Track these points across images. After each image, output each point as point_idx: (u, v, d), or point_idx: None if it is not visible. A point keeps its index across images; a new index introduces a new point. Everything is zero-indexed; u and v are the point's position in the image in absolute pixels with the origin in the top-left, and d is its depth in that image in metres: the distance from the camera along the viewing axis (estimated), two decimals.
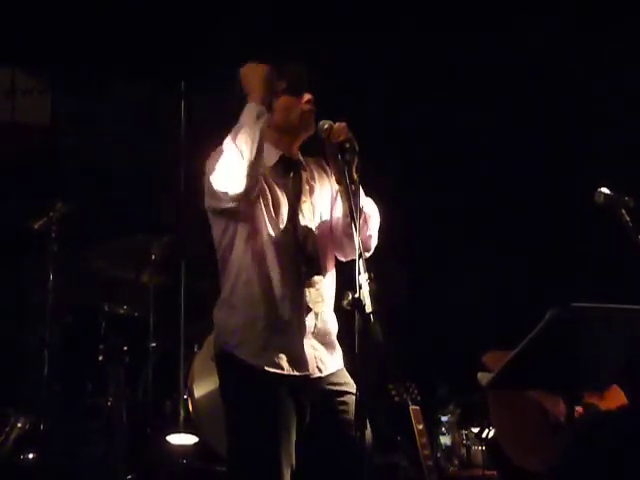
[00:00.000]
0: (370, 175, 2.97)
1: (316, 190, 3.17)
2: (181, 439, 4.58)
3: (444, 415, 4.90)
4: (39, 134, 5.83)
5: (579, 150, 5.43)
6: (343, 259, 3.18)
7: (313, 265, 3.08)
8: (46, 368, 4.72)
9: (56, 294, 4.81)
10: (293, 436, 2.93)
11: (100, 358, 4.86)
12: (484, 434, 4.37)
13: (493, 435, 4.17)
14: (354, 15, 5.62)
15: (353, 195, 2.86)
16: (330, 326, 3.11)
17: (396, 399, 4.06)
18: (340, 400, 3.01)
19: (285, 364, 2.97)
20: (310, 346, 3.02)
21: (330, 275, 3.15)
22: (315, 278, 3.07)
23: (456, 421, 4.88)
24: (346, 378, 3.06)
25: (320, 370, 3.03)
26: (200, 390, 4.49)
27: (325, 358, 3.06)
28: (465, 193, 5.76)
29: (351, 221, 2.84)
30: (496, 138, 5.65)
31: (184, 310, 4.79)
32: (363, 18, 5.63)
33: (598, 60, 5.32)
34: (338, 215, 3.15)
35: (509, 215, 5.52)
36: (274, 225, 3.02)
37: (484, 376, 3.76)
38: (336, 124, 2.99)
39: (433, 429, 4.72)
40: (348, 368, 3.09)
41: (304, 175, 3.17)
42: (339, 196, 3.14)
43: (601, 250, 5.07)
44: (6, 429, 4.54)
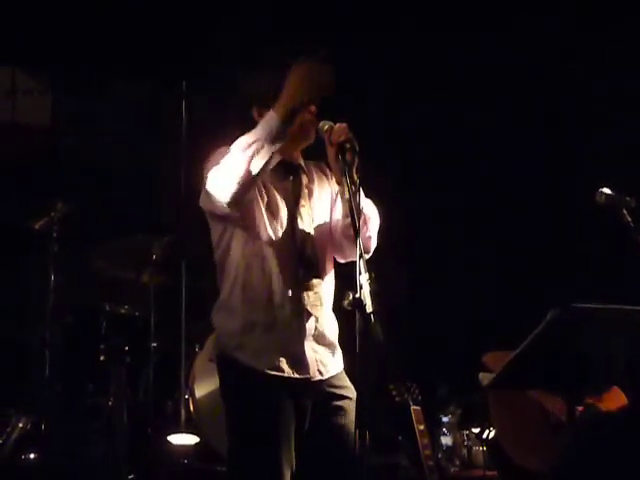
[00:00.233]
0: (370, 175, 2.97)
1: (315, 193, 3.16)
2: (182, 439, 4.58)
3: (445, 415, 4.90)
4: (39, 134, 5.83)
5: (579, 150, 5.43)
6: (342, 261, 3.16)
7: (311, 268, 3.07)
8: (47, 368, 4.72)
9: (57, 294, 4.82)
10: (293, 438, 2.93)
11: (101, 358, 4.86)
12: (485, 434, 4.37)
13: (494, 435, 4.17)
14: (354, 15, 5.62)
15: (353, 196, 2.85)
16: (330, 328, 3.10)
17: (397, 399, 4.06)
18: (338, 404, 3.00)
19: (286, 367, 2.96)
20: (311, 349, 3.01)
21: (329, 278, 3.13)
22: (314, 281, 3.05)
23: (457, 421, 4.88)
24: (346, 382, 3.05)
25: (321, 373, 3.02)
26: (201, 390, 4.49)
27: (326, 360, 3.05)
28: (465, 193, 5.76)
29: (351, 222, 2.82)
30: (496, 138, 5.65)
31: (185, 310, 4.79)
32: (363, 18, 5.63)
33: (598, 60, 5.32)
34: (337, 217, 3.13)
35: (509, 215, 5.53)
36: (272, 228, 3.01)
37: (485, 376, 3.76)
38: (336, 125, 2.97)
39: (434, 429, 4.73)
40: (348, 369, 3.08)
41: (303, 179, 3.15)
42: (339, 198, 3.13)
43: (601, 250, 5.07)
44: (7, 429, 4.55)
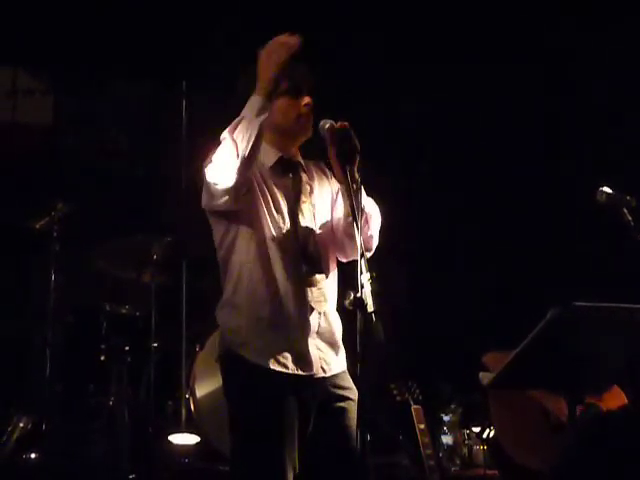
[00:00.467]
0: (370, 175, 2.97)
1: (315, 191, 3.16)
2: (183, 439, 4.58)
3: (446, 415, 4.91)
4: (40, 134, 5.83)
5: (579, 150, 5.43)
6: (344, 260, 3.16)
7: (314, 264, 3.06)
8: (48, 368, 4.73)
9: (58, 294, 4.82)
10: (296, 436, 2.92)
11: (102, 358, 4.87)
12: (485, 434, 4.38)
13: (494, 434, 4.17)
14: (354, 15, 5.62)
15: (354, 194, 2.85)
16: (334, 326, 3.09)
17: (398, 399, 4.05)
18: (340, 405, 2.99)
19: (290, 363, 2.95)
20: (314, 346, 3.01)
21: (332, 275, 3.13)
22: (317, 278, 3.05)
23: (458, 421, 4.89)
24: (349, 382, 3.04)
25: (324, 370, 3.01)
26: (202, 390, 4.50)
27: (329, 359, 3.04)
28: (465, 193, 5.76)
29: (352, 220, 2.83)
30: (496, 138, 5.65)
31: (186, 310, 4.79)
32: (363, 18, 5.64)
33: (598, 60, 5.33)
34: (339, 216, 3.12)
35: (509, 215, 5.53)
36: (275, 225, 3.01)
37: (485, 376, 3.76)
38: (337, 123, 2.98)
39: (435, 429, 4.73)
40: (350, 368, 3.07)
41: (303, 176, 3.16)
42: (339, 197, 3.12)
43: (601, 250, 5.07)
44: (8, 429, 4.56)
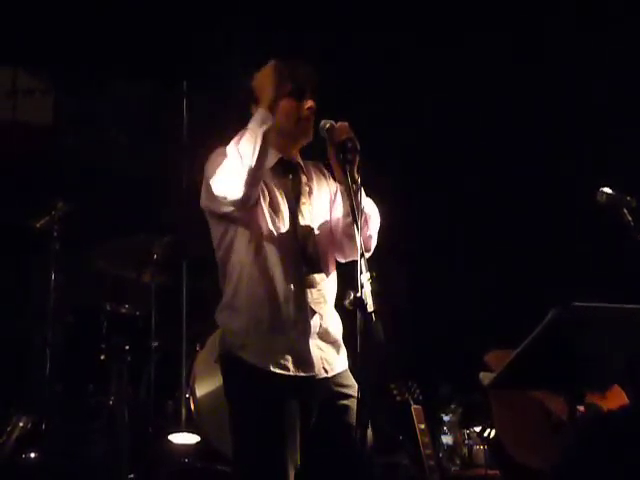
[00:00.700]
0: (370, 175, 2.97)
1: (315, 192, 3.17)
2: (183, 438, 4.57)
3: (446, 414, 4.91)
4: (40, 134, 5.83)
5: (579, 150, 5.43)
6: (343, 260, 3.17)
7: (314, 266, 3.08)
8: (48, 367, 4.72)
9: (58, 293, 4.81)
10: (298, 436, 2.93)
11: (102, 357, 4.86)
12: (486, 433, 4.37)
13: (495, 434, 4.17)
14: (354, 15, 5.62)
15: (354, 194, 2.86)
16: (335, 326, 3.11)
17: (398, 398, 4.06)
18: (343, 404, 3.00)
19: (291, 365, 2.96)
20: (316, 346, 3.02)
21: (331, 275, 3.14)
22: (317, 279, 3.06)
23: (458, 420, 4.88)
24: (351, 380, 3.05)
25: (326, 371, 3.02)
26: (202, 389, 4.49)
27: (331, 358, 3.05)
28: (465, 193, 5.76)
29: (352, 220, 2.84)
30: (496, 138, 5.65)
31: (186, 309, 4.78)
32: (363, 18, 5.64)
33: (598, 60, 5.33)
34: (338, 216, 3.14)
35: (509, 215, 5.53)
36: (274, 226, 3.02)
37: (486, 376, 3.76)
38: (338, 123, 2.99)
39: (435, 428, 4.73)
40: (351, 366, 3.08)
41: (303, 177, 3.17)
42: (338, 197, 3.14)
43: (601, 250, 5.07)
44: (8, 428, 4.55)
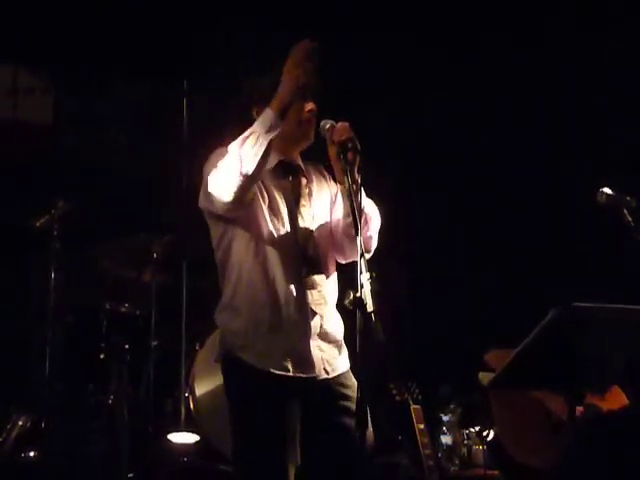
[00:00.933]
0: (370, 175, 2.97)
1: (315, 194, 3.17)
2: (182, 438, 4.57)
3: (445, 415, 4.91)
4: (41, 133, 5.83)
5: (579, 150, 5.43)
6: (343, 261, 3.17)
7: (314, 267, 3.08)
8: (47, 366, 4.73)
9: (57, 292, 4.81)
10: (298, 437, 2.93)
11: (102, 356, 4.87)
12: (485, 434, 4.38)
13: (495, 433, 4.17)
14: (354, 15, 5.62)
15: (355, 195, 2.86)
16: (336, 327, 3.10)
17: (397, 398, 4.06)
18: (344, 404, 2.99)
19: (290, 366, 2.96)
20: (317, 347, 3.02)
21: (332, 276, 3.15)
22: (317, 280, 3.06)
23: (457, 421, 4.88)
24: (352, 381, 3.04)
25: (327, 372, 3.02)
26: (201, 389, 4.49)
27: (332, 359, 3.05)
28: (465, 193, 5.76)
29: (352, 221, 2.83)
30: (496, 138, 5.65)
31: (186, 308, 4.78)
32: (363, 18, 5.64)
33: (598, 60, 5.33)
34: (338, 217, 3.14)
35: (509, 215, 5.53)
36: (274, 228, 3.02)
37: (485, 376, 3.76)
38: (338, 123, 2.99)
39: (434, 428, 4.73)
40: (352, 366, 3.08)
41: (302, 179, 3.17)
42: (338, 199, 3.14)
43: (601, 250, 5.07)
44: (7, 427, 4.55)
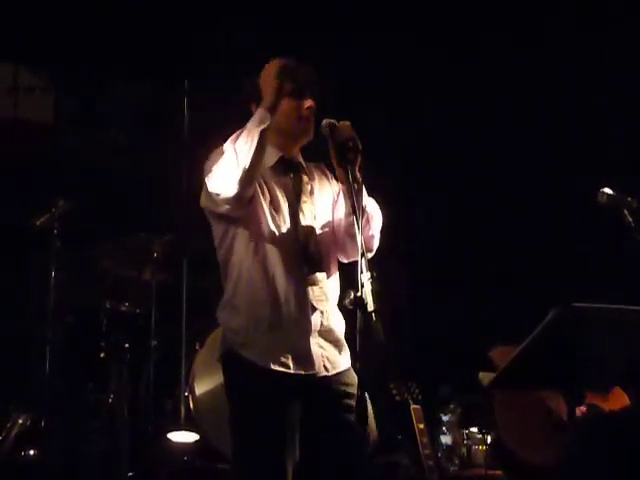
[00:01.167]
0: (370, 175, 2.98)
1: (316, 191, 3.17)
2: (182, 437, 4.57)
3: (445, 414, 4.91)
4: (41, 132, 5.83)
5: (579, 150, 5.43)
6: (345, 260, 3.16)
7: (315, 264, 3.07)
8: (48, 365, 4.73)
9: (58, 291, 4.82)
10: (297, 435, 2.93)
11: (102, 355, 4.87)
12: (485, 435, 4.38)
13: (496, 431, 4.17)
14: (354, 15, 5.62)
15: (356, 194, 2.86)
16: (337, 324, 3.10)
17: (397, 398, 4.05)
18: (344, 402, 2.98)
19: (291, 363, 2.95)
20: (317, 344, 3.01)
21: (333, 274, 3.14)
22: (318, 277, 3.06)
23: (457, 420, 4.89)
24: (353, 379, 3.02)
25: (327, 369, 3.02)
26: (201, 388, 4.50)
27: (333, 357, 3.04)
28: (465, 193, 5.77)
29: (353, 220, 2.83)
30: (496, 138, 5.65)
31: (186, 308, 4.79)
32: (363, 18, 5.64)
33: (598, 60, 5.33)
34: (340, 216, 3.13)
35: (509, 215, 5.53)
36: (275, 225, 3.02)
37: (485, 376, 3.77)
38: (339, 123, 2.98)
39: (434, 428, 4.73)
40: (353, 365, 3.07)
41: (304, 176, 3.17)
42: (340, 197, 3.14)
43: (601, 250, 5.08)
44: (7, 426, 4.55)
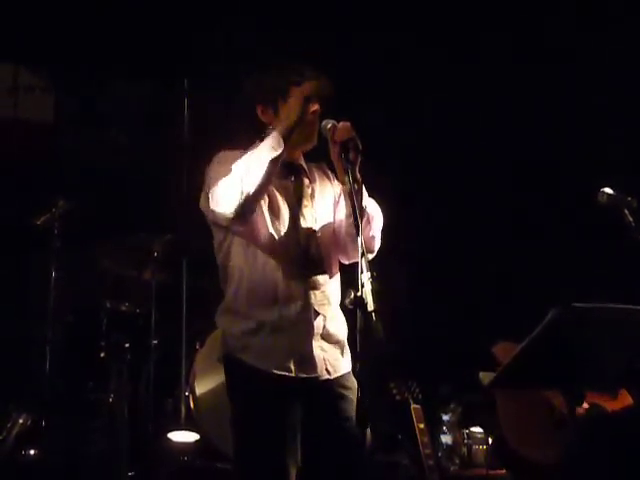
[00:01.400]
0: (370, 175, 2.98)
1: (317, 194, 3.16)
2: (182, 436, 4.58)
3: (445, 414, 4.91)
4: (41, 132, 5.83)
5: (579, 150, 5.43)
6: (346, 261, 3.15)
7: (317, 267, 3.06)
8: (48, 364, 4.74)
9: (58, 291, 4.83)
10: (299, 438, 2.92)
11: (102, 355, 4.87)
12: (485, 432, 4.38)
13: (499, 430, 4.17)
14: (354, 15, 5.62)
15: (356, 194, 2.85)
16: (339, 327, 3.09)
17: (397, 398, 4.05)
18: (344, 406, 2.98)
19: (293, 367, 2.95)
20: (319, 348, 3.01)
21: (335, 277, 3.13)
22: (320, 280, 3.05)
23: (457, 420, 4.89)
24: (353, 383, 3.02)
25: (329, 372, 3.01)
26: (201, 387, 4.50)
27: (335, 360, 3.04)
28: (465, 193, 5.77)
29: (354, 221, 2.82)
30: (496, 138, 5.65)
31: (186, 307, 4.79)
32: (363, 18, 5.64)
33: (598, 60, 5.33)
34: (341, 217, 3.13)
35: (509, 215, 5.54)
36: (275, 229, 3.01)
37: (485, 375, 3.77)
38: (340, 123, 2.97)
39: (434, 428, 4.73)
40: (353, 367, 3.07)
41: (305, 179, 3.16)
42: (342, 198, 3.13)
43: (601, 250, 5.08)
44: (8, 425, 4.55)
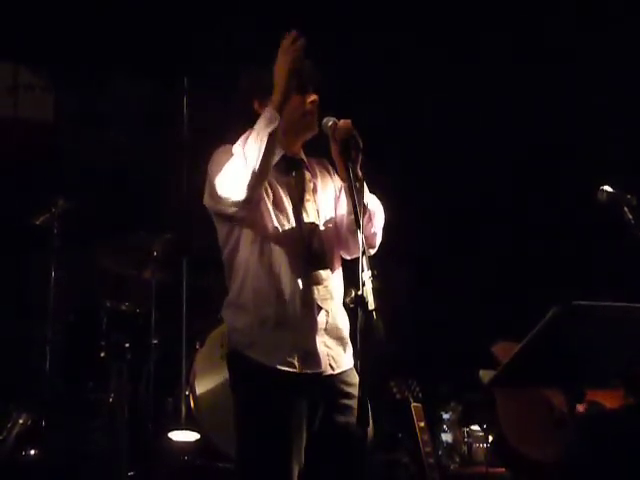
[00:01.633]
0: (370, 175, 2.98)
1: (319, 188, 3.16)
2: (182, 436, 4.58)
3: (445, 412, 4.92)
4: (41, 131, 5.83)
5: (579, 150, 5.44)
6: (348, 257, 3.16)
7: (320, 262, 3.06)
8: (48, 364, 4.74)
9: (58, 290, 4.83)
10: (304, 434, 2.92)
11: (102, 355, 4.87)
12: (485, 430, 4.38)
13: (499, 428, 4.17)
14: (354, 15, 5.63)
15: (357, 192, 2.85)
16: (341, 323, 3.09)
17: (398, 396, 4.05)
18: (345, 403, 2.98)
19: (297, 363, 2.95)
20: (322, 343, 3.01)
21: (337, 272, 3.13)
22: (323, 275, 3.05)
23: (457, 418, 4.90)
24: (355, 379, 3.00)
25: (332, 368, 3.01)
26: (202, 387, 4.50)
27: (338, 356, 3.04)
28: (465, 192, 5.77)
29: (354, 217, 2.82)
30: (496, 138, 5.66)
31: (186, 307, 4.79)
32: (363, 18, 5.64)
33: (598, 60, 5.34)
34: (342, 213, 3.14)
35: (509, 214, 5.54)
36: (279, 223, 3.01)
37: (485, 374, 3.76)
38: (340, 121, 2.98)
39: (434, 426, 4.74)
40: (355, 364, 3.07)
41: (306, 174, 3.16)
42: (343, 194, 3.14)
43: (601, 249, 5.08)
44: (8, 425, 4.55)
